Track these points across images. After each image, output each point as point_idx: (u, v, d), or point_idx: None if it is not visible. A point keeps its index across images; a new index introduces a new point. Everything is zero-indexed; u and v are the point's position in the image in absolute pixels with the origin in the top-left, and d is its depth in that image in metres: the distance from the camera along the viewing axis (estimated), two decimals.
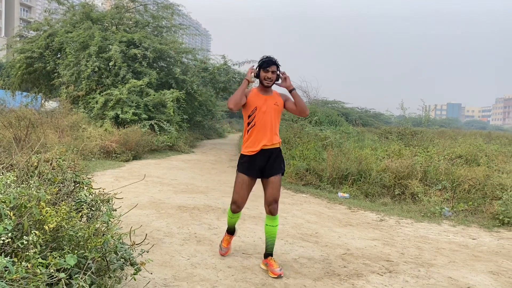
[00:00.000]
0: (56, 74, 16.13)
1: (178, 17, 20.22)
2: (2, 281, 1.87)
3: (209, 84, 18.74)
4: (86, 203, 3.09)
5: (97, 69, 14.73)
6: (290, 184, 8.67)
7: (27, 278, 1.97)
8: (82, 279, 2.15)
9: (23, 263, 1.99)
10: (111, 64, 14.73)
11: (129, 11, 18.55)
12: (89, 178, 3.63)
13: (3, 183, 2.46)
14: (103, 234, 2.61)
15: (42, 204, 2.33)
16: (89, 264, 2.33)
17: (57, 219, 2.31)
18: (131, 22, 18.23)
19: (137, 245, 2.80)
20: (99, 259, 2.44)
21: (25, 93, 20.10)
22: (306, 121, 14.29)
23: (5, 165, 3.26)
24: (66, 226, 2.37)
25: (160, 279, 3.37)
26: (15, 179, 2.70)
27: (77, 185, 3.37)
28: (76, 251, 2.28)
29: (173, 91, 14.70)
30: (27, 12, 72.73)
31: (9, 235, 2.06)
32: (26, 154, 3.84)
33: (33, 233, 2.13)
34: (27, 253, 2.08)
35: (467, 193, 7.06)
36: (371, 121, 27.19)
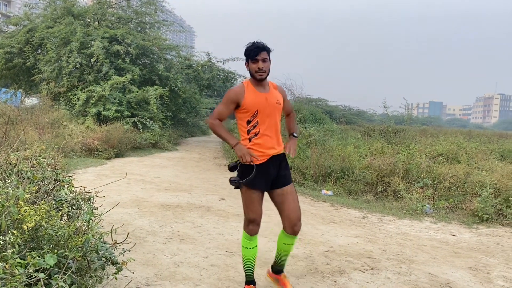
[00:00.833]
0: (36, 70, 15.83)
1: (161, 13, 20.00)
2: None
3: (193, 81, 18.63)
4: (66, 201, 3.05)
5: (78, 65, 14.50)
6: None
7: (4, 278, 1.93)
8: (61, 279, 2.12)
9: (0, 263, 1.95)
10: (93, 60, 14.52)
11: (111, 7, 18.28)
12: (70, 176, 3.58)
13: None
14: (84, 233, 2.57)
15: (20, 203, 2.28)
16: (69, 263, 2.29)
17: (36, 218, 2.27)
18: (113, 17, 17.99)
19: (118, 244, 2.77)
20: (80, 258, 2.41)
21: (4, 89, 19.65)
22: None
23: None
24: (45, 225, 2.33)
25: (142, 278, 3.34)
26: None
27: (58, 183, 3.31)
28: (56, 251, 2.24)
29: (156, 88, 14.57)
30: (6, 6, 71.10)
31: None
32: (4, 151, 3.76)
33: (11, 232, 2.09)
34: (5, 253, 2.03)
35: (447, 191, 7.18)
36: (355, 119, 27.48)
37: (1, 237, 2.06)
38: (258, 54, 2.98)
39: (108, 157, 10.82)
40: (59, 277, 2.12)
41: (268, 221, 5.49)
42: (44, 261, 2.11)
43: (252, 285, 3.20)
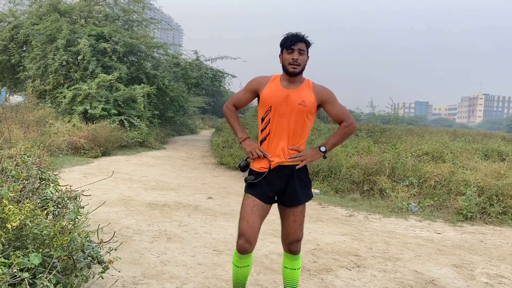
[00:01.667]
0: (21, 67, 15.62)
1: (149, 11, 19.87)
2: None
3: (181, 79, 18.53)
4: (52, 200, 3.01)
5: (65, 63, 14.32)
6: None
7: None
8: (46, 278, 2.10)
9: None
10: (79, 58, 14.35)
11: (98, 4, 18.11)
12: (55, 174, 3.53)
13: None
14: (70, 232, 2.55)
15: (4, 201, 2.25)
16: (54, 263, 2.27)
17: (21, 217, 2.24)
18: (100, 15, 17.79)
19: (105, 243, 2.75)
20: (65, 257, 2.39)
21: None
22: None
23: None
24: (30, 224, 2.30)
25: (129, 277, 3.32)
26: None
27: (43, 182, 3.27)
28: (41, 250, 2.22)
29: (143, 86, 14.48)
30: None
31: None
32: None
33: None
34: None
35: (433, 189, 7.27)
36: None
37: None
38: (295, 43, 2.58)
39: (94, 155, 10.72)
40: (44, 276, 2.10)
41: None
42: (28, 261, 2.09)
43: None
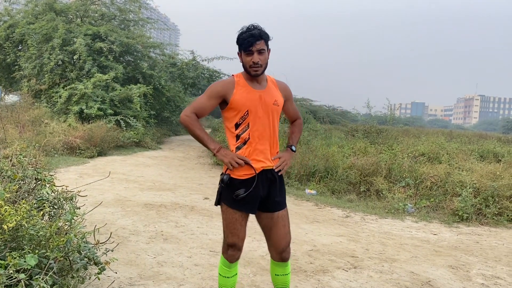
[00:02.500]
0: (17, 66, 15.55)
1: (145, 10, 19.85)
2: None
3: (178, 79, 18.51)
4: (48, 201, 3.00)
5: (60, 63, 14.28)
6: None
7: None
8: (43, 279, 2.09)
9: None
10: (75, 57, 14.29)
11: (94, 3, 18.04)
12: (51, 175, 3.52)
13: None
14: (66, 233, 2.54)
15: (0, 202, 2.24)
16: (51, 264, 2.26)
17: (17, 218, 2.23)
18: (97, 14, 17.74)
19: (101, 244, 2.74)
20: (62, 258, 2.38)
21: None
22: None
23: None
24: (26, 225, 2.29)
25: (125, 278, 3.31)
26: None
27: (39, 182, 3.26)
28: (37, 251, 2.21)
29: (140, 86, 14.43)
30: None
31: None
32: None
33: None
34: None
35: (429, 190, 7.29)
36: (338, 119, 27.68)
37: None
38: (253, 44, 2.37)
39: (90, 155, 10.68)
40: (40, 277, 2.09)
41: (252, 220, 5.50)
42: (25, 262, 2.08)
43: None
